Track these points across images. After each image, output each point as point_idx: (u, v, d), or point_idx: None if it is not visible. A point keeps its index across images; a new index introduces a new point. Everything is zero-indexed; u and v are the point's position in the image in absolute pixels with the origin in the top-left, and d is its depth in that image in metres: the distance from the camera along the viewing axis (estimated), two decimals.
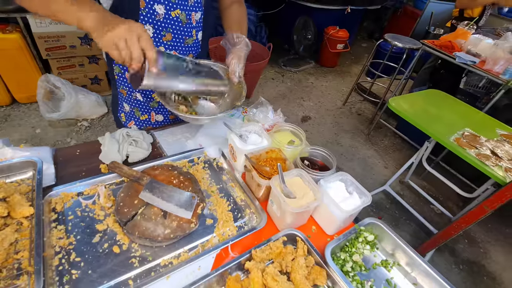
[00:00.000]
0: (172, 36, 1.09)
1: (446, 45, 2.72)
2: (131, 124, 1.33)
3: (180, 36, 1.11)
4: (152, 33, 1.05)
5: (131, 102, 1.27)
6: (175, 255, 0.82)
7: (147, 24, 1.03)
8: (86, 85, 3.19)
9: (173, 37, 1.10)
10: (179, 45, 1.13)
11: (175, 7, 1.03)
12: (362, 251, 0.90)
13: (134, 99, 1.26)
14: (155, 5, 0.99)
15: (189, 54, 1.19)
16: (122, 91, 1.25)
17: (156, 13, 1.01)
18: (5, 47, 2.57)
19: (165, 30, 1.06)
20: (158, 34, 1.06)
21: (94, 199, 0.91)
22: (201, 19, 1.14)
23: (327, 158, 1.08)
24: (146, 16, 1.01)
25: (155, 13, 1.00)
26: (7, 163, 0.90)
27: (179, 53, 1.15)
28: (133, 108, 1.28)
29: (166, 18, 1.04)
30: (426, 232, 2.46)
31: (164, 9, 1.01)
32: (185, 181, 0.96)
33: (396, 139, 3.65)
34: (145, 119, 1.31)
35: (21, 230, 0.78)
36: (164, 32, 1.07)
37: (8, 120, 2.82)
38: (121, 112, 1.33)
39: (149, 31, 1.02)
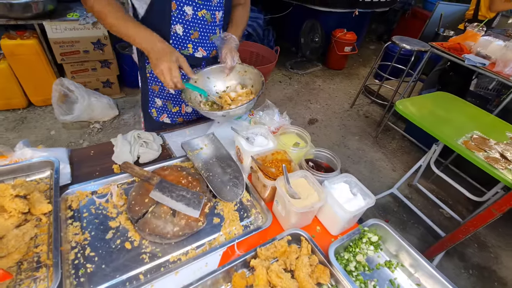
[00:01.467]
0: (199, 34, 1.19)
1: (455, 47, 2.70)
2: (163, 117, 1.42)
3: (206, 34, 1.21)
4: (182, 32, 1.16)
5: (164, 96, 1.36)
6: (183, 252, 0.85)
7: (178, 24, 1.13)
8: (98, 88, 3.29)
9: (200, 35, 1.20)
10: (205, 41, 1.23)
11: (201, 7, 1.13)
12: (365, 251, 0.92)
13: (167, 93, 1.36)
14: (184, 6, 1.10)
15: (213, 50, 1.28)
16: (154, 87, 1.34)
17: (185, 14, 1.12)
18: (23, 52, 2.68)
19: (193, 29, 1.17)
20: (187, 33, 1.17)
21: (107, 197, 0.96)
22: (222, 17, 1.24)
23: (332, 160, 1.10)
24: (177, 17, 1.11)
25: (184, 13, 1.11)
26: (27, 162, 0.95)
27: (204, 49, 1.26)
28: (165, 101, 1.38)
29: (193, 18, 1.14)
30: (434, 236, 2.43)
31: (192, 10, 1.12)
32: (193, 181, 1.00)
33: (405, 142, 3.61)
34: (176, 111, 1.42)
35: (40, 226, 0.83)
36: (192, 31, 1.17)
37: (25, 122, 2.93)
38: (152, 108, 1.41)
39: (179, 30, 1.15)
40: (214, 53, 1.30)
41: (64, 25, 2.74)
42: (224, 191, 1.01)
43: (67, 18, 2.76)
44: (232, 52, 1.20)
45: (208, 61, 1.31)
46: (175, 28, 1.14)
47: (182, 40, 1.18)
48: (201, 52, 1.26)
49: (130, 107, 3.37)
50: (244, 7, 1.36)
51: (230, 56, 1.19)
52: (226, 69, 1.23)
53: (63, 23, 2.73)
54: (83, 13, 2.86)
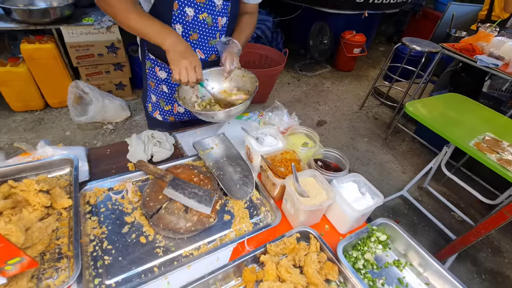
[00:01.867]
0: (198, 36, 1.21)
1: (466, 48, 2.66)
2: (156, 113, 1.46)
3: (205, 37, 1.23)
4: (181, 32, 1.18)
5: (158, 93, 1.40)
6: (195, 247, 0.88)
7: (178, 23, 1.16)
8: (111, 90, 3.39)
9: (199, 37, 1.21)
10: (204, 44, 1.25)
11: (203, 10, 1.15)
12: (374, 250, 0.93)
13: (161, 91, 1.39)
14: (186, 7, 1.12)
15: (212, 54, 1.30)
16: (150, 83, 1.39)
17: (186, 15, 1.14)
18: (41, 56, 2.79)
19: (192, 30, 1.18)
20: (186, 33, 1.19)
21: (122, 194, 1.00)
22: (226, 24, 1.24)
23: (341, 160, 1.11)
24: (177, 17, 1.14)
25: (185, 14, 1.13)
26: (48, 160, 1.01)
27: (203, 52, 1.28)
28: (159, 99, 1.41)
29: (194, 20, 1.16)
30: (445, 239, 2.39)
31: (193, 11, 1.14)
32: (205, 179, 1.03)
33: (415, 144, 3.57)
34: (168, 110, 1.44)
35: (61, 220, 0.88)
36: (191, 32, 1.19)
37: (42, 123, 3.04)
38: (148, 103, 1.47)
39: (178, 29, 1.17)
40: (214, 57, 1.31)
41: (80, 30, 2.84)
42: (234, 189, 1.04)
43: (82, 23, 2.86)
44: (232, 56, 1.21)
45: (205, 64, 1.30)
46: (174, 27, 1.17)
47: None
48: (199, 54, 1.27)
49: (142, 108, 3.45)
50: (252, 16, 1.37)
51: (229, 59, 1.20)
52: (225, 72, 1.23)
53: (79, 27, 2.83)
54: (97, 18, 2.96)
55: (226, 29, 1.26)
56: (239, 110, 1.15)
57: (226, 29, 1.26)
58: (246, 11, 1.35)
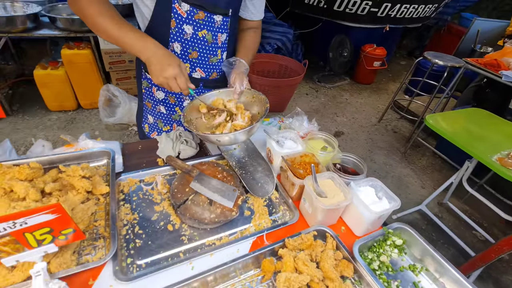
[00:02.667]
0: (198, 54, 1.18)
1: (491, 63, 2.63)
2: (153, 134, 1.44)
3: (205, 55, 1.20)
4: (180, 50, 1.15)
5: (155, 114, 1.38)
6: (217, 237, 0.94)
7: (176, 42, 1.12)
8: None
9: (199, 55, 1.19)
10: (204, 62, 1.22)
11: (202, 27, 1.11)
12: (389, 253, 0.94)
13: (158, 112, 1.37)
14: (184, 25, 1.08)
15: (213, 72, 1.28)
16: (147, 103, 1.38)
17: (184, 32, 1.10)
18: (78, 60, 3.04)
19: (192, 48, 1.15)
20: (185, 52, 1.16)
21: (152, 185, 1.08)
22: (227, 40, 1.22)
23: (358, 165, 1.15)
24: (175, 35, 1.11)
25: (183, 32, 1.10)
26: (89, 151, 1.12)
27: (203, 70, 1.25)
28: (156, 120, 1.40)
29: (193, 38, 1.13)
30: (466, 258, 2.30)
31: (192, 29, 1.10)
32: (228, 176, 1.10)
33: (436, 159, 3.49)
34: (167, 130, 1.42)
35: (99, 204, 0.97)
36: (191, 50, 1.16)
37: (74, 123, 3.27)
38: (144, 124, 1.46)
39: (177, 48, 1.14)
40: (215, 75, 1.29)
41: None
42: (255, 187, 1.09)
43: None
44: (241, 77, 1.15)
45: (206, 82, 1.29)
46: (173, 46, 1.13)
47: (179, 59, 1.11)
48: (199, 73, 1.24)
49: None
50: (256, 31, 1.33)
51: (239, 81, 1.13)
52: (235, 94, 1.15)
53: None
54: None
55: (226, 46, 1.23)
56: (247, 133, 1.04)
57: (226, 45, 1.23)
58: (250, 27, 1.32)
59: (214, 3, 1.09)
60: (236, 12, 1.21)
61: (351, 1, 4.05)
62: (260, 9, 1.30)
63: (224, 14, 1.13)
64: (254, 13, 1.29)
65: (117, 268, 0.79)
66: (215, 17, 1.12)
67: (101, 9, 0.95)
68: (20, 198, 0.83)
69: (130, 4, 3.41)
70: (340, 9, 4.20)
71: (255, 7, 1.27)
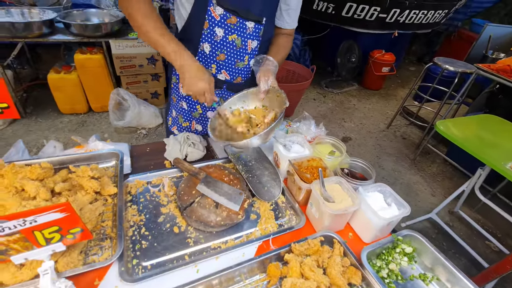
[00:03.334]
0: (225, 57, 1.22)
1: (504, 69, 2.57)
2: (174, 128, 1.49)
3: (233, 58, 1.23)
4: (209, 51, 1.20)
5: (178, 109, 1.43)
6: (223, 241, 0.93)
7: (206, 42, 1.17)
8: (147, 98, 3.65)
9: (226, 58, 1.22)
10: (230, 66, 1.25)
11: (232, 32, 1.15)
12: (399, 261, 0.92)
13: (180, 107, 1.41)
14: (216, 27, 1.13)
15: (238, 76, 1.30)
16: (173, 98, 1.43)
17: (215, 34, 1.15)
18: (91, 65, 3.11)
19: (220, 51, 1.19)
20: (214, 53, 1.20)
21: (159, 187, 1.09)
22: (257, 48, 1.24)
23: (367, 170, 1.13)
24: (206, 36, 1.16)
25: (214, 34, 1.15)
26: (99, 152, 1.14)
27: (228, 73, 1.27)
28: (178, 114, 1.44)
29: (223, 40, 1.17)
30: (479, 269, 2.22)
31: (223, 32, 1.14)
32: (234, 180, 1.10)
33: (447, 167, 3.41)
34: (186, 126, 1.46)
35: (106, 205, 0.98)
36: (219, 52, 1.20)
37: (84, 126, 3.34)
38: (169, 116, 1.51)
39: (206, 48, 1.19)
40: (239, 79, 1.31)
41: (125, 43, 3.14)
42: (262, 191, 1.09)
43: (128, 37, 3.16)
44: (267, 75, 1.15)
45: (230, 85, 1.32)
46: (203, 46, 1.18)
47: (207, 59, 1.22)
48: (224, 75, 1.27)
49: None
50: (289, 37, 1.36)
51: (263, 79, 1.14)
52: (260, 93, 1.16)
53: (124, 41, 3.13)
54: None
55: (256, 53, 1.26)
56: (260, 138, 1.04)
57: (256, 53, 1.26)
58: (283, 33, 1.35)
59: (247, 9, 1.11)
60: (270, 21, 1.23)
61: (359, 7, 4.05)
62: (295, 19, 1.32)
63: (257, 21, 1.16)
64: (288, 22, 1.31)
65: (123, 269, 0.80)
66: (247, 23, 1.15)
67: (146, 12, 1.02)
68: (30, 197, 0.84)
69: None
70: (348, 15, 4.21)
71: (290, 16, 1.29)
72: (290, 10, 1.26)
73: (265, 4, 1.15)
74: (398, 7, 4.06)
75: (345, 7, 4.09)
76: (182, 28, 1.20)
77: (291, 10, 1.26)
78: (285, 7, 1.25)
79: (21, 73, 3.89)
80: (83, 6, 3.38)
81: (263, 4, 1.14)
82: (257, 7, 1.13)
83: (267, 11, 1.18)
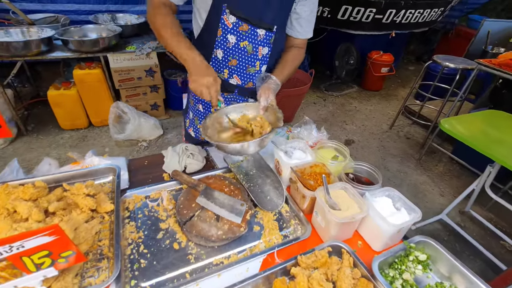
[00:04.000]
0: (237, 62, 1.26)
1: (506, 63, 2.53)
2: (190, 130, 1.53)
3: (244, 64, 1.27)
4: (221, 57, 1.25)
5: (194, 111, 1.47)
6: (225, 256, 0.89)
7: (219, 49, 1.23)
8: (146, 110, 3.64)
9: (238, 63, 1.27)
10: (242, 71, 1.29)
11: (244, 38, 1.20)
12: (413, 270, 0.86)
13: (197, 109, 1.45)
14: (228, 34, 1.18)
15: (249, 82, 1.33)
16: (191, 100, 1.47)
17: (228, 41, 1.20)
18: (89, 80, 3.12)
19: (232, 56, 1.24)
20: (226, 59, 1.25)
21: (158, 201, 1.05)
22: (268, 54, 1.28)
23: (372, 173, 1.08)
24: (220, 43, 1.21)
25: (227, 41, 1.20)
26: (95, 168, 1.10)
27: (240, 78, 1.30)
28: (194, 116, 1.48)
29: (234, 47, 1.21)
30: (495, 271, 2.13)
31: (235, 39, 1.20)
32: (235, 190, 1.06)
33: (453, 165, 3.33)
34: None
35: (103, 223, 0.94)
36: (231, 58, 1.25)
37: (85, 140, 3.33)
38: (187, 118, 1.55)
39: (219, 54, 1.24)
40: (250, 84, 1.34)
41: (123, 56, 3.15)
42: (264, 201, 1.04)
43: (126, 50, 3.17)
44: (267, 92, 1.16)
45: (241, 89, 1.35)
46: (216, 52, 1.24)
47: (220, 64, 1.27)
48: (236, 79, 1.31)
49: (174, 127, 3.65)
50: (300, 50, 1.37)
51: (264, 96, 1.15)
52: (260, 109, 1.17)
53: (122, 54, 3.15)
54: (139, 45, 3.27)
55: (268, 59, 1.29)
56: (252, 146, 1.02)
57: (268, 59, 1.29)
58: (294, 45, 1.36)
59: (260, 17, 1.17)
60: (281, 29, 1.27)
61: (355, 9, 4.05)
62: (307, 29, 1.33)
63: (268, 29, 1.20)
64: (300, 31, 1.32)
65: None
66: (258, 30, 1.19)
67: (166, 22, 1.11)
68: (23, 218, 0.81)
69: (138, 24, 3.53)
70: (344, 17, 4.21)
71: (301, 26, 1.30)
72: (301, 20, 1.28)
73: (276, 13, 1.19)
74: (393, 8, 4.06)
75: (340, 10, 4.10)
76: (198, 35, 1.26)
77: (301, 20, 1.28)
78: (295, 16, 1.27)
79: (21, 91, 3.91)
80: (81, 23, 3.41)
81: (275, 13, 1.19)
82: (269, 16, 1.18)
83: (279, 20, 1.23)
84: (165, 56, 3.39)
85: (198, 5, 1.19)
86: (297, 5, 1.24)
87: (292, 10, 1.25)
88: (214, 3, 1.13)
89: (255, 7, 1.15)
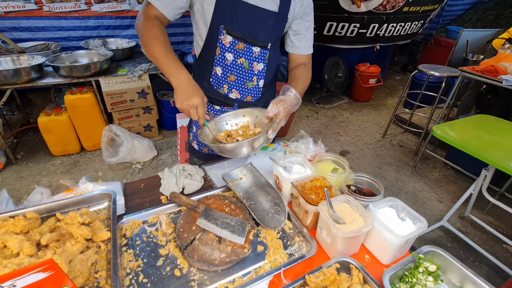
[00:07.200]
0: (235, 78, 1.33)
1: (488, 70, 2.63)
2: (194, 143, 1.55)
3: (242, 79, 1.34)
4: (220, 73, 1.31)
5: (197, 124, 1.49)
6: (230, 280, 0.85)
7: (218, 66, 1.30)
8: (140, 132, 3.61)
9: (236, 79, 1.33)
10: (240, 86, 1.35)
11: (241, 55, 1.27)
12: (424, 282, 0.84)
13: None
14: (226, 53, 1.26)
15: (248, 95, 1.39)
16: None
17: (226, 59, 1.27)
18: (81, 104, 3.10)
19: (230, 73, 1.31)
20: (225, 75, 1.31)
21: (156, 226, 1.01)
22: (264, 69, 1.34)
23: (373, 184, 1.08)
24: (218, 61, 1.28)
25: (225, 58, 1.27)
26: (90, 195, 1.06)
27: (238, 92, 1.36)
28: (197, 130, 1.49)
29: (232, 63, 1.28)
30: (503, 276, 2.10)
31: (232, 56, 1.27)
32: (236, 209, 1.03)
33: (448, 171, 3.37)
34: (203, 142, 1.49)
35: (100, 253, 0.89)
36: (229, 74, 1.31)
37: (77, 166, 3.25)
38: (190, 132, 1.57)
39: (218, 71, 1.31)
40: (249, 98, 1.40)
41: (115, 79, 3.16)
42: (266, 218, 1.02)
43: (118, 73, 3.19)
44: (278, 104, 1.13)
45: (240, 103, 1.40)
46: (215, 69, 1.31)
47: (219, 80, 1.34)
48: (235, 94, 1.37)
49: (168, 147, 3.61)
50: (306, 66, 1.39)
51: (271, 106, 1.14)
52: (265, 118, 1.18)
53: (114, 77, 3.16)
54: (130, 68, 3.30)
55: (264, 74, 1.36)
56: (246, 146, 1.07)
57: (264, 74, 1.36)
58: (300, 63, 1.39)
59: (255, 37, 1.25)
60: (275, 45, 1.33)
61: (339, 25, 4.21)
62: (306, 44, 1.38)
63: (262, 47, 1.28)
64: (299, 47, 1.38)
65: None
66: (253, 48, 1.27)
67: (156, 35, 1.10)
68: (13, 254, 0.76)
69: (129, 48, 3.57)
70: (329, 33, 4.36)
71: (300, 41, 1.37)
72: (299, 35, 1.35)
73: (270, 33, 1.27)
74: (376, 22, 4.24)
75: (325, 26, 4.26)
76: (199, 54, 1.33)
77: (299, 35, 1.35)
78: (292, 32, 1.35)
79: (11, 119, 3.86)
80: (72, 49, 3.44)
81: (269, 33, 1.26)
82: (263, 35, 1.26)
83: (272, 38, 1.29)
84: (157, 77, 3.42)
85: (199, 27, 1.25)
86: (293, 24, 1.32)
87: (289, 28, 1.33)
88: (212, 24, 1.20)
89: (250, 28, 1.22)
